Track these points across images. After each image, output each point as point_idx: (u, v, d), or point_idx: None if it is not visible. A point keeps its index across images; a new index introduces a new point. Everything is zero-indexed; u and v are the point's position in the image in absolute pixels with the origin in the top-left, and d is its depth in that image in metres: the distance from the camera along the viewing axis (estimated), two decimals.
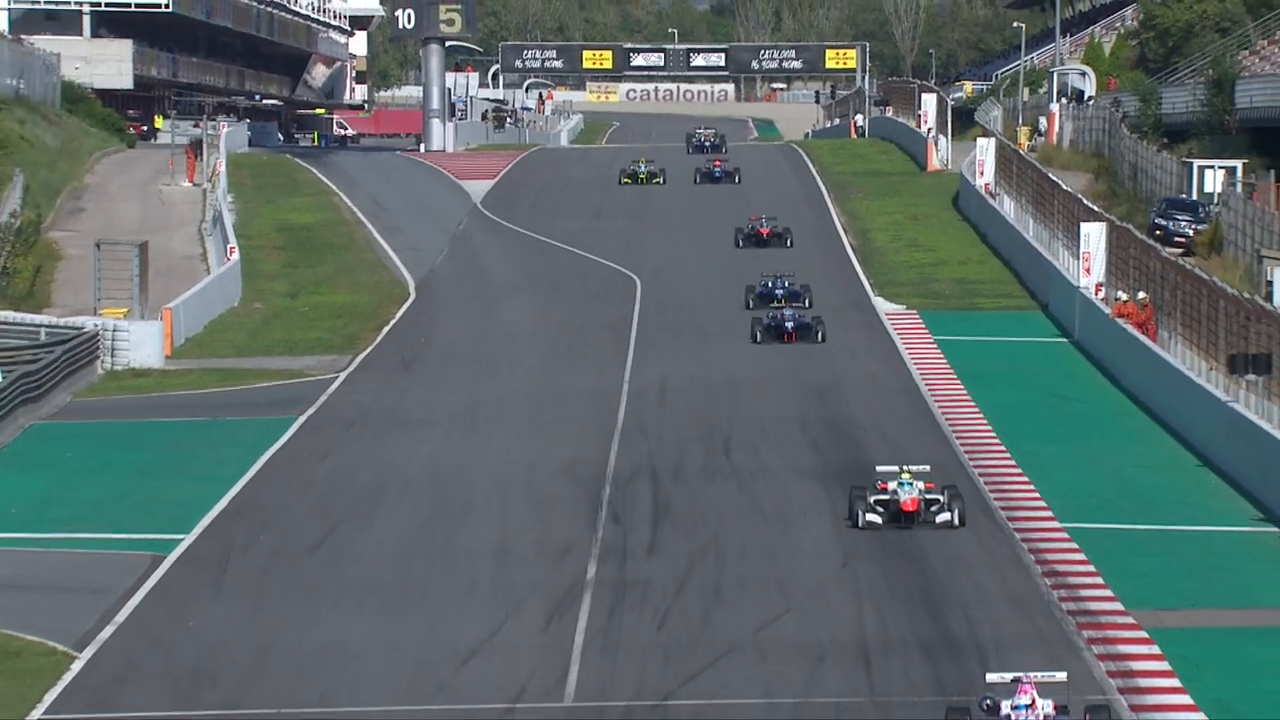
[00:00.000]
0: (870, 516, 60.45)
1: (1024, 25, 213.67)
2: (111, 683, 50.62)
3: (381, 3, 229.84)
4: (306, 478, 74.00)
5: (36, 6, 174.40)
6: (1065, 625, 53.13)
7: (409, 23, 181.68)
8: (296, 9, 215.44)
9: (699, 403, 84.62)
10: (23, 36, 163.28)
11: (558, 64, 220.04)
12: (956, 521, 60.45)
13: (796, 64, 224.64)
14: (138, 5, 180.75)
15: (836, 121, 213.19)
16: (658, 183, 75.65)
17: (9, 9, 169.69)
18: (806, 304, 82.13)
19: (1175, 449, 75.27)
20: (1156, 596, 56.33)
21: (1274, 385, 74.52)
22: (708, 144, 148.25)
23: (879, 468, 63.33)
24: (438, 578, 60.44)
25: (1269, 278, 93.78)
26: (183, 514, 67.20)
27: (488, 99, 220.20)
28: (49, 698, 48.46)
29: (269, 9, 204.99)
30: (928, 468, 63.39)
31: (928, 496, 61.15)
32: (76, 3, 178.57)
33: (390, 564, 62.25)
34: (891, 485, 61.12)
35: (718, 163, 77.79)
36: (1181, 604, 56.26)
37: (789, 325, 77.25)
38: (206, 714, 48.55)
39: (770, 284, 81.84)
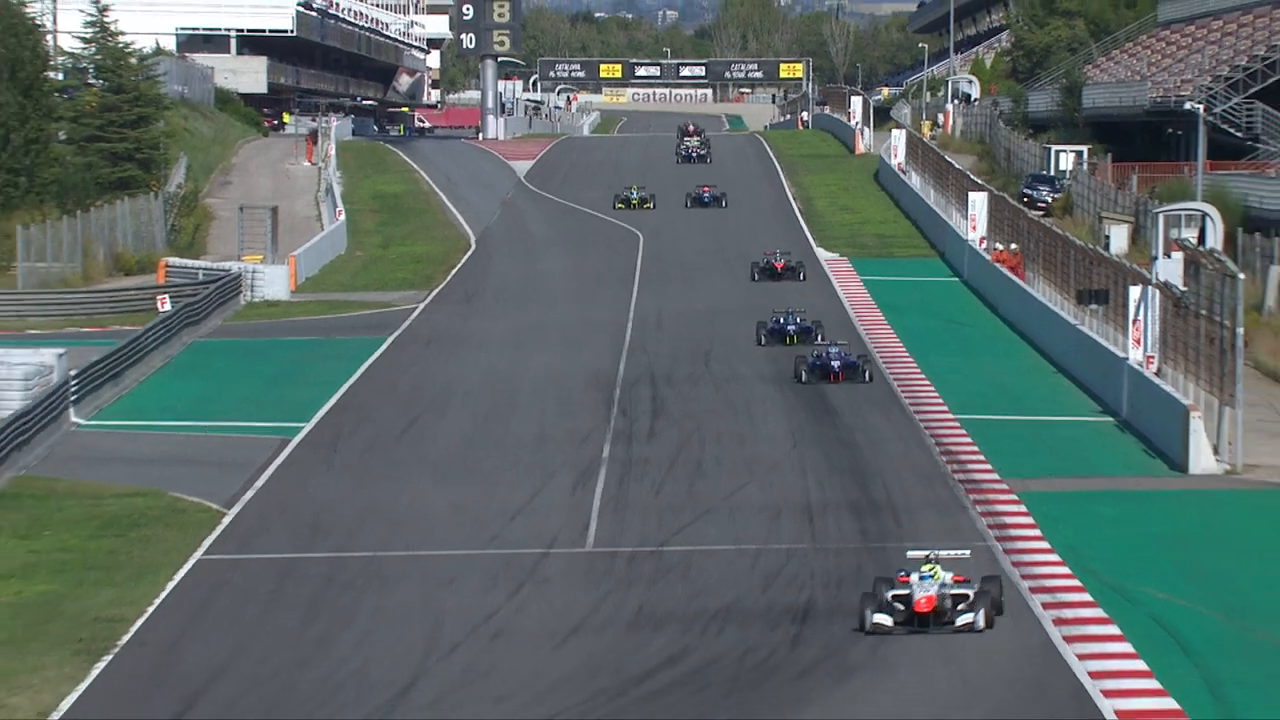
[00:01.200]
0: (878, 618, 41.07)
1: (927, 45, 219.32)
2: (251, 533, 51.82)
3: (450, 27, 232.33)
4: (394, 383, 74.75)
5: (196, 32, 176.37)
6: (956, 491, 53.76)
7: (470, 44, 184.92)
8: (387, 34, 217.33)
9: (686, 327, 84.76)
10: (186, 54, 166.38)
11: (580, 74, 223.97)
12: (981, 624, 41.13)
13: (758, 74, 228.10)
14: (271, 31, 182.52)
15: (788, 117, 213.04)
16: (648, 207, 72.88)
17: (176, 34, 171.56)
18: (819, 339, 68.31)
19: (1038, 361, 75.83)
20: (1024, 469, 56.69)
21: (1110, 312, 73.93)
22: (694, 155, 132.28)
23: (909, 553, 44.19)
24: (492, 457, 61.24)
25: (1106, 233, 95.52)
26: (303, 409, 68.23)
27: (529, 100, 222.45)
28: (206, 542, 49.67)
29: (367, 34, 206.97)
30: (967, 553, 44.28)
31: (953, 592, 41.96)
32: (225, 29, 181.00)
33: (457, 447, 63.39)
34: (913, 578, 41.74)
35: (706, 189, 70.54)
36: (1043, 474, 56.75)
37: (835, 365, 63.98)
38: (321, 556, 49.72)
39: (781, 320, 70.14)
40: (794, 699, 37.22)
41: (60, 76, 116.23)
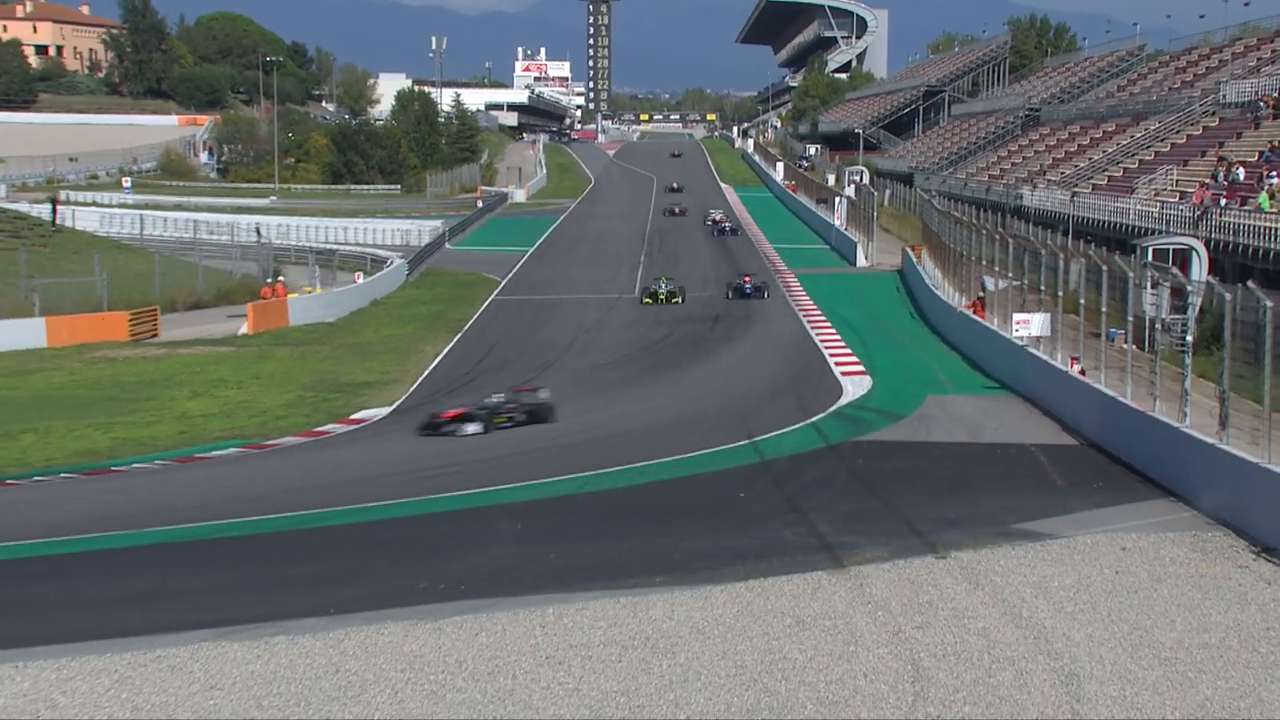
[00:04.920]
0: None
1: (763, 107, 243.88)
2: (510, 289, 62.30)
3: (585, 101, 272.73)
4: (562, 232, 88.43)
5: (491, 103, 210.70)
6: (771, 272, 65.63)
7: (591, 107, 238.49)
8: (560, 103, 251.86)
9: (674, 215, 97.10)
10: (488, 111, 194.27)
11: (631, 117, 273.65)
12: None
13: (696, 117, 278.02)
14: (518, 102, 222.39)
15: (713, 134, 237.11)
16: (676, 302, 55.46)
17: (484, 104, 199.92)
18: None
19: (809, 236, 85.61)
20: (800, 269, 70.03)
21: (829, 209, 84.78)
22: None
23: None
24: (598, 261, 72.42)
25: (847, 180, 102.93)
26: (529, 241, 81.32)
27: (612, 125, 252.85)
28: (495, 292, 60.72)
29: (553, 102, 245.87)
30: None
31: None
32: (501, 102, 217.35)
33: (586, 256, 75.28)
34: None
35: (747, 279, 57.73)
36: (804, 267, 69.17)
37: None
38: (536, 297, 59.38)
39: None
40: (708, 351, 43.54)
41: (442, 120, 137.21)
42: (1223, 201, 48.93)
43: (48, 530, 21.81)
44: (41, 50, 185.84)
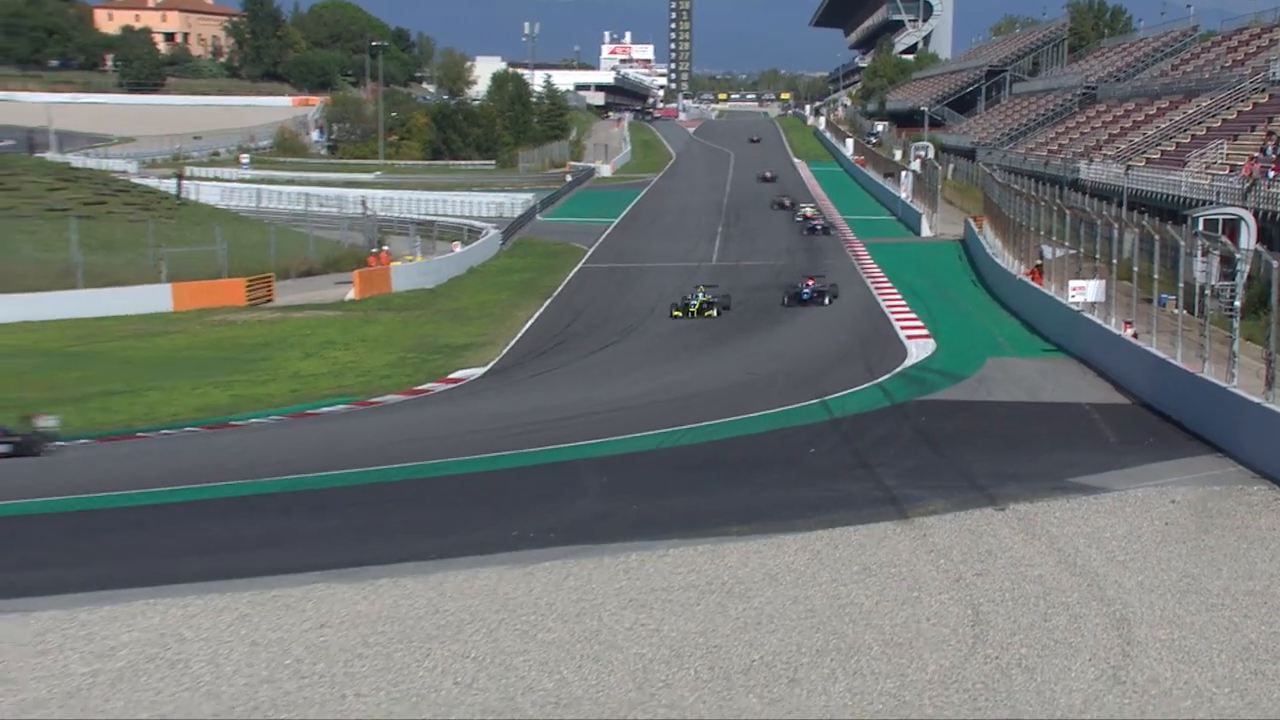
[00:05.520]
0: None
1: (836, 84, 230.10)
2: (595, 257, 61.59)
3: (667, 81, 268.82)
4: (645, 206, 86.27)
5: (581, 84, 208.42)
6: (847, 250, 62.09)
7: (674, 87, 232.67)
8: (644, 83, 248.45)
9: (748, 188, 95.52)
10: (576, 91, 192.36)
11: (709, 96, 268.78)
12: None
13: (771, 96, 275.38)
14: (605, 83, 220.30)
15: (787, 112, 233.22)
16: (710, 315, 44.07)
17: (574, 85, 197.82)
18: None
19: (886, 215, 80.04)
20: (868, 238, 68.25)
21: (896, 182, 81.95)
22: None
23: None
24: (678, 232, 70.95)
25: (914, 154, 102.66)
26: (614, 214, 79.97)
27: (692, 104, 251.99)
28: (582, 261, 60.16)
29: (636, 83, 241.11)
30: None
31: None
32: (589, 83, 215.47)
33: (667, 228, 73.54)
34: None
35: (811, 281, 47.32)
36: (873, 236, 67.67)
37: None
38: (621, 265, 58.66)
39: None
40: (779, 317, 42.94)
41: (534, 100, 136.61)
42: (1271, 174, 48.14)
43: (174, 479, 22.11)
44: (169, 38, 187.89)
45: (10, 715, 7.07)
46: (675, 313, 44.01)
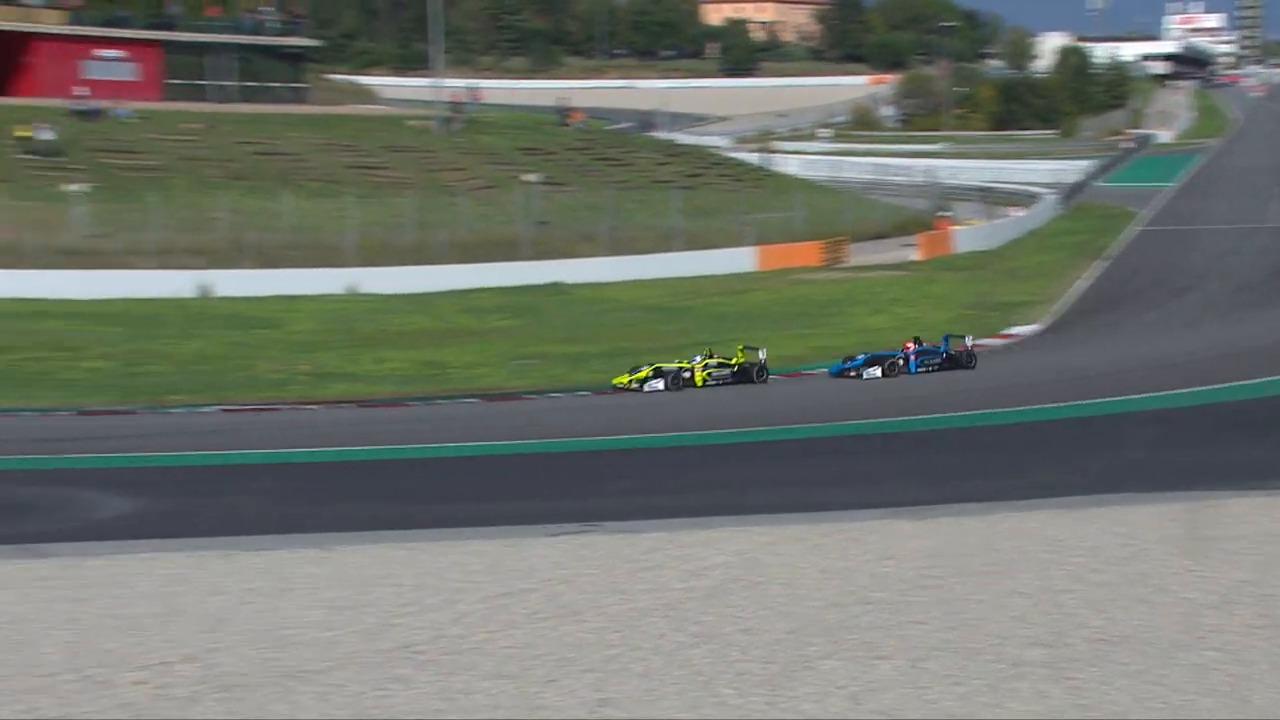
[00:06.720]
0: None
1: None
2: (1151, 220, 58.32)
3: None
4: (1205, 169, 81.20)
5: (1146, 55, 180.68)
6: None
7: (1243, 51, 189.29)
8: (1206, 51, 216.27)
9: None
10: (1144, 61, 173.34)
11: (1276, 61, 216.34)
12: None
13: None
14: (1167, 54, 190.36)
15: None
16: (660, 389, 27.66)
17: (1140, 55, 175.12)
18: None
19: None
20: None
21: None
22: None
23: None
24: (1236, 194, 65.89)
25: None
26: (1173, 176, 76.48)
27: (1257, 69, 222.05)
28: (1135, 225, 56.72)
29: (1197, 52, 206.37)
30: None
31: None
32: (1156, 54, 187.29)
33: (1225, 191, 68.63)
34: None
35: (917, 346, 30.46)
36: None
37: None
38: (1178, 228, 55.18)
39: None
40: None
41: (1096, 72, 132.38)
42: None
43: (758, 421, 22.95)
44: (765, 26, 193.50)
45: (628, 622, 7.76)
46: (615, 381, 28.63)
